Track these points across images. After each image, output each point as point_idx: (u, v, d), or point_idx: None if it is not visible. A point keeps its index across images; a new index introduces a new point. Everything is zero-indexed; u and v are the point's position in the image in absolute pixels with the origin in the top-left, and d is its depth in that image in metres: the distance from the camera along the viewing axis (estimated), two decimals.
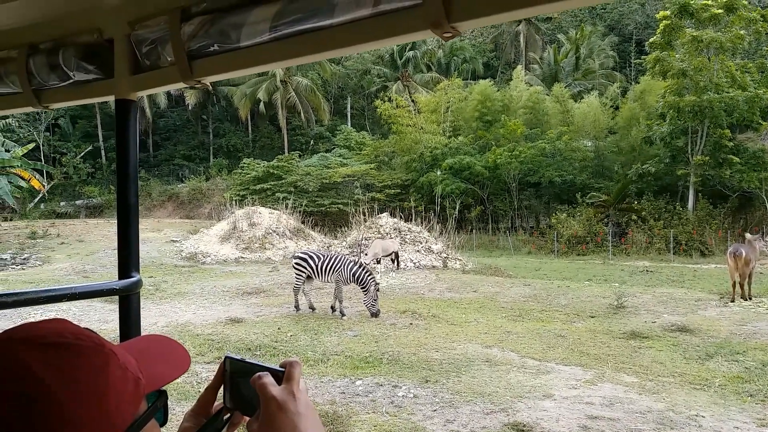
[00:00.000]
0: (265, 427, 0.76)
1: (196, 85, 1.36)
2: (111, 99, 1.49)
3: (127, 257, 1.52)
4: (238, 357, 0.84)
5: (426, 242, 21.09)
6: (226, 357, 0.85)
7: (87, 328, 0.71)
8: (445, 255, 20.40)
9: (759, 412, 5.90)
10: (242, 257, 21.58)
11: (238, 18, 1.16)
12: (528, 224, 33.10)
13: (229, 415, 0.85)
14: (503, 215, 33.16)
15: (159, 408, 0.73)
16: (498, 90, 35.25)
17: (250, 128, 50.84)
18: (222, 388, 0.85)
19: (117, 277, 1.51)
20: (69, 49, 1.44)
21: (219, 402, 0.87)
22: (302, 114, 45.53)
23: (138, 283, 1.50)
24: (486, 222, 32.84)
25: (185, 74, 1.30)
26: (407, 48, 48.28)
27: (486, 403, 6.21)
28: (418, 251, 20.41)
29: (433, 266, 19.39)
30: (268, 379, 0.79)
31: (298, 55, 1.15)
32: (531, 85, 37.86)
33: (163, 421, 0.76)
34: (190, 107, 47.25)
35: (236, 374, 0.83)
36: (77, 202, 41.37)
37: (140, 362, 0.72)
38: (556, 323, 10.72)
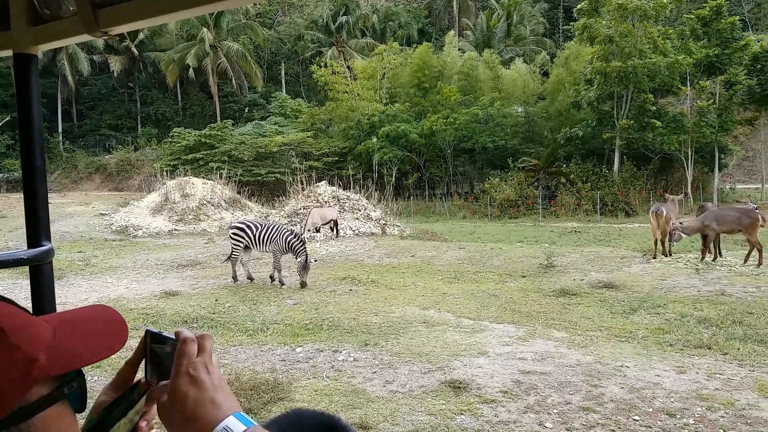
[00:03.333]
0: (173, 399, 0.73)
1: (103, 37, 1.27)
2: (8, 54, 1.37)
3: (36, 224, 1.39)
4: (158, 330, 0.81)
5: (365, 209, 21.15)
6: (147, 330, 0.82)
7: None
8: (384, 222, 20.54)
9: (678, 360, 6.31)
10: (176, 229, 20.98)
11: None
12: (463, 189, 33.72)
13: (147, 388, 0.81)
14: (439, 181, 33.61)
15: (65, 394, 0.65)
16: (434, 56, 35.25)
17: (179, 96, 48.90)
18: (144, 363, 0.82)
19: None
20: None
21: (140, 377, 0.83)
22: (234, 80, 44.16)
23: (49, 252, 1.38)
24: (423, 188, 33.21)
25: (90, 25, 1.21)
26: (341, 13, 47.40)
27: (424, 362, 6.36)
28: (357, 219, 20.45)
29: (372, 233, 19.51)
30: (193, 347, 0.76)
31: (211, 1, 1.08)
32: (464, 51, 38.06)
33: (80, 407, 0.69)
34: (115, 74, 44.89)
35: (156, 348, 0.80)
36: None
37: (62, 337, 0.65)
38: (490, 284, 11.07)
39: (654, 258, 13.17)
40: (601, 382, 5.68)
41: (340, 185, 23.27)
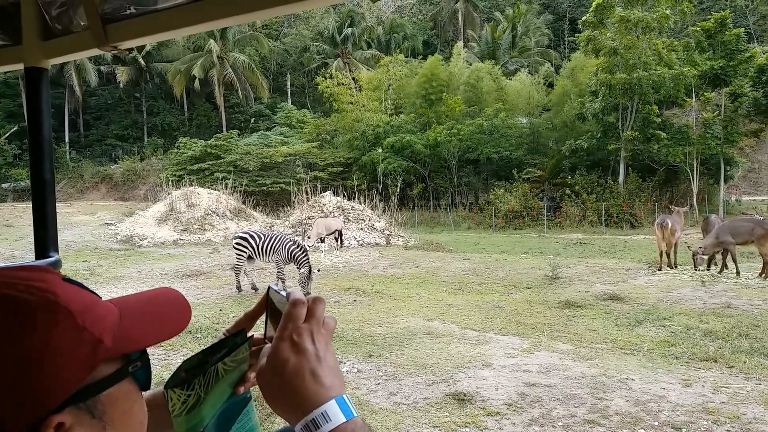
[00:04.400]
0: (272, 364, 0.68)
1: (113, 51, 1.29)
2: (20, 67, 1.39)
3: (44, 236, 1.42)
4: (279, 289, 0.78)
5: (369, 220, 21.16)
6: (269, 287, 0.81)
7: (67, 279, 0.65)
8: (388, 232, 20.54)
9: (684, 373, 6.27)
10: (181, 239, 21.03)
11: None
12: (467, 200, 33.70)
13: (251, 335, 0.81)
14: (444, 192, 33.61)
15: (130, 372, 0.67)
16: (442, 67, 35.41)
17: (185, 106, 49.25)
18: (265, 319, 0.81)
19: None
20: None
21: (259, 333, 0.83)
22: (240, 91, 44.43)
23: (57, 264, 1.41)
24: (427, 199, 33.22)
25: (99, 39, 1.23)
26: (346, 24, 47.72)
27: (428, 374, 6.34)
28: (361, 229, 20.46)
29: (377, 243, 19.50)
30: (301, 311, 0.71)
31: (220, 17, 1.10)
32: (470, 63, 38.23)
33: (146, 384, 0.70)
34: (122, 85, 45.25)
35: (278, 305, 0.77)
36: (4, 186, 39.15)
37: (127, 319, 0.66)
38: (495, 295, 11.03)
39: (659, 270, 13.11)
40: (607, 394, 5.64)
41: (344, 196, 23.32)
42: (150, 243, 20.45)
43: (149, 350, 0.70)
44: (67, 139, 44.45)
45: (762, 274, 11.91)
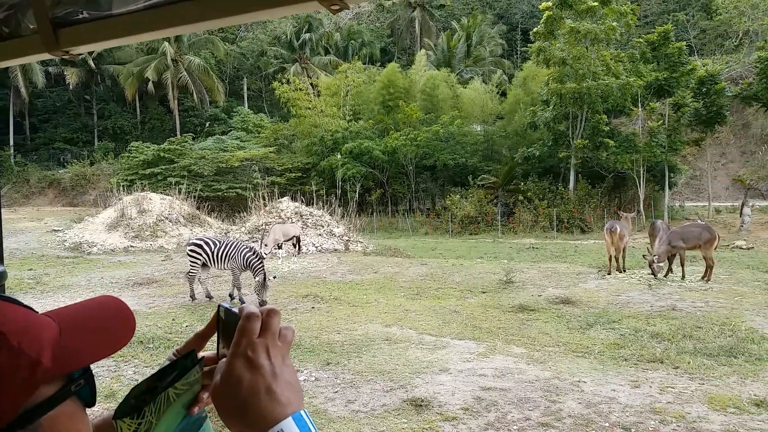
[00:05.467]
0: (226, 382, 0.65)
1: (64, 56, 1.26)
2: None
3: None
4: (230, 307, 0.75)
5: (328, 225, 21.07)
6: (219, 305, 0.77)
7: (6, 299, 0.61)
8: (347, 238, 20.51)
9: (632, 375, 6.48)
10: (132, 246, 20.47)
11: None
12: (425, 206, 34.00)
13: (203, 356, 0.78)
14: (402, 197, 33.82)
15: (73, 392, 0.62)
16: (400, 75, 35.67)
17: (138, 109, 48.02)
18: (217, 338, 0.78)
19: None
20: None
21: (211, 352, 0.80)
22: (195, 94, 43.63)
23: (2, 275, 1.34)
24: (386, 204, 33.35)
25: (50, 44, 1.19)
26: (304, 30, 47.56)
27: (386, 380, 6.35)
28: (320, 235, 20.35)
29: (335, 249, 19.44)
30: (255, 324, 0.67)
31: (176, 24, 1.08)
32: (426, 71, 38.65)
33: (90, 402, 0.66)
34: (71, 87, 43.73)
35: (228, 325, 0.74)
36: None
37: (68, 334, 0.62)
38: (451, 300, 11.16)
39: (609, 274, 13.51)
40: (560, 397, 5.78)
41: (303, 201, 23.14)
42: (100, 250, 19.83)
43: (96, 363, 0.68)
44: (11, 143, 42.68)
45: (704, 277, 12.43)
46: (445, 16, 55.33)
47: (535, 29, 27.91)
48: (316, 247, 19.45)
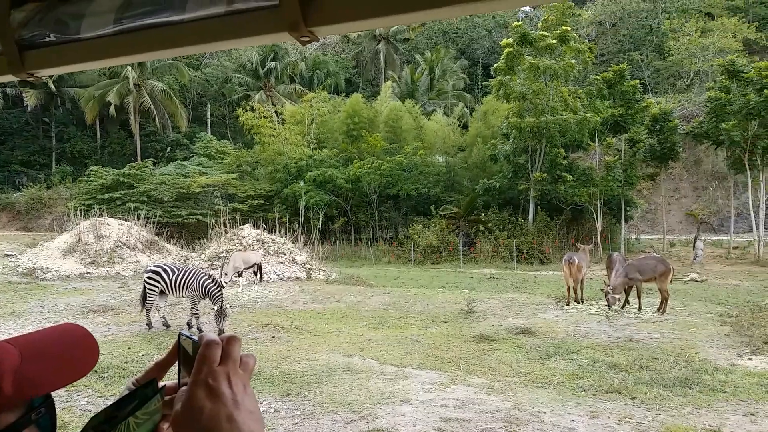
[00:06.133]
0: (187, 411, 0.64)
1: (29, 78, 1.24)
2: None
3: None
4: (191, 335, 0.74)
5: (290, 253, 20.87)
6: (180, 333, 0.76)
7: None
8: (309, 266, 20.33)
9: (591, 405, 6.56)
10: (88, 272, 19.87)
11: (77, 7, 1.07)
12: (388, 235, 34.07)
13: (163, 385, 0.76)
14: (365, 226, 33.84)
15: (33, 420, 0.61)
16: (365, 105, 36.04)
17: (98, 133, 47.12)
18: (178, 366, 0.76)
19: None
20: None
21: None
22: (157, 119, 43.11)
23: None
24: (349, 233, 33.29)
25: (15, 66, 1.17)
26: (270, 58, 47.79)
27: (347, 412, 6.26)
28: (282, 263, 20.13)
29: (297, 277, 19.24)
30: (216, 352, 0.66)
31: (145, 51, 1.08)
32: (391, 101, 39.18)
33: (50, 431, 0.64)
34: (29, 108, 42.66)
35: (189, 353, 0.73)
36: None
37: (29, 361, 0.60)
38: (413, 329, 11.14)
39: (567, 305, 13.74)
40: (520, 428, 5.80)
41: (265, 228, 22.89)
42: (54, 276, 19.20)
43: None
44: None
45: (660, 309, 12.75)
46: (409, 50, 56.44)
47: (496, 65, 28.68)
48: (278, 275, 19.22)
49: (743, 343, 9.64)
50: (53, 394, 0.66)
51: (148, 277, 11.18)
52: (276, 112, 38.58)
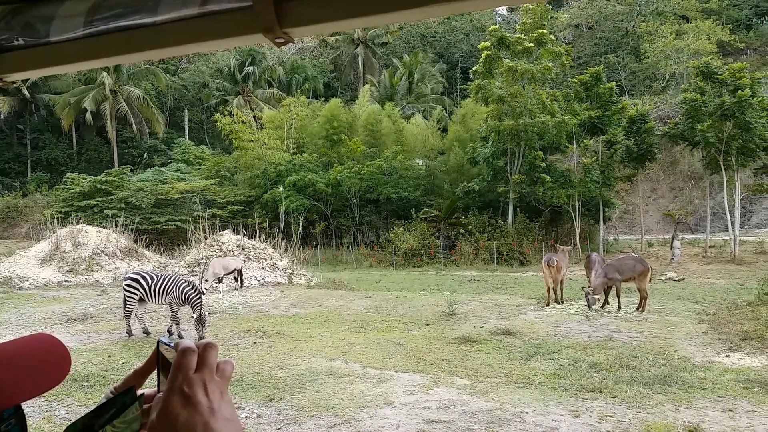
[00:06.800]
0: (162, 419, 0.62)
1: (0, 85, 1.22)
2: None
3: None
4: (170, 342, 0.73)
5: (271, 259, 20.75)
6: (159, 341, 0.74)
7: None
8: (290, 271, 20.23)
9: (573, 404, 6.61)
10: (66, 280, 19.59)
11: (46, 10, 1.05)
12: (369, 239, 34.06)
13: (142, 393, 0.74)
14: (346, 230, 33.78)
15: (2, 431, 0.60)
16: (343, 109, 36.00)
17: (74, 140, 46.47)
18: (157, 374, 0.75)
19: None
20: None
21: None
22: (134, 125, 42.57)
23: None
24: (330, 237, 33.19)
25: None
26: (247, 63, 47.55)
27: (330, 416, 6.24)
28: (262, 268, 20.00)
29: (279, 283, 19.14)
30: (191, 359, 0.65)
31: (117, 54, 1.07)
32: (369, 105, 39.20)
33: None
34: (2, 116, 41.92)
35: (168, 361, 0.72)
36: None
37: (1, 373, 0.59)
38: (396, 332, 11.14)
39: (547, 305, 13.85)
40: (502, 428, 5.82)
41: (245, 234, 22.73)
42: (32, 285, 18.90)
43: (27, 402, 0.65)
44: None
45: (639, 308, 12.92)
46: (387, 54, 56.54)
47: (474, 68, 28.83)
48: (259, 281, 19.09)
49: (720, 341, 9.80)
50: (24, 405, 0.65)
51: (127, 285, 11.04)
52: (254, 116, 38.40)
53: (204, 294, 14.58)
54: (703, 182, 31.75)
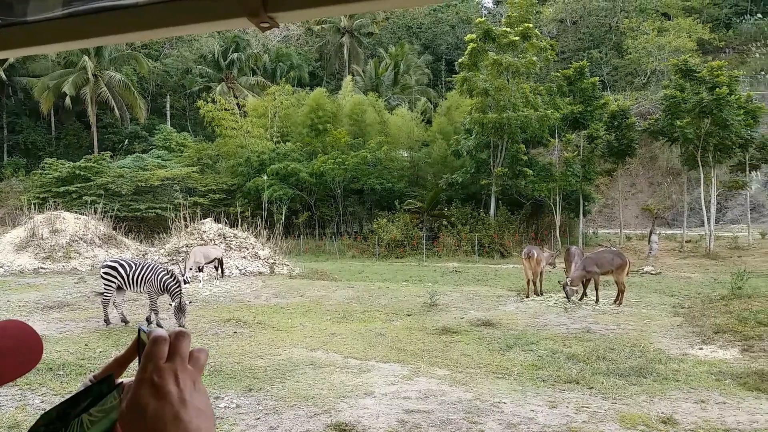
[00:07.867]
0: (130, 410, 0.61)
1: None
2: None
3: None
4: (150, 330, 0.70)
5: (253, 248, 20.65)
6: (139, 328, 0.73)
7: None
8: (273, 261, 20.15)
9: (550, 395, 6.70)
10: (42, 267, 19.29)
11: None
12: (352, 229, 34.04)
13: (120, 381, 0.73)
14: (329, 220, 33.71)
15: None
16: (328, 99, 35.80)
17: (53, 124, 45.61)
18: (138, 362, 0.72)
19: None
20: None
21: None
22: (116, 111, 41.89)
23: None
24: (313, 227, 33.09)
25: None
26: (231, 50, 47.00)
27: (310, 406, 6.25)
28: (244, 257, 19.90)
29: (260, 272, 19.06)
30: (162, 349, 0.63)
31: (97, 35, 1.04)
32: (353, 95, 39.02)
33: None
34: None
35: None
36: None
37: None
38: (377, 323, 11.18)
39: (527, 297, 14.00)
40: (481, 418, 5.89)
41: (227, 223, 22.57)
42: (7, 272, 18.61)
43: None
44: None
45: (616, 301, 13.11)
46: (373, 44, 56.30)
47: (459, 60, 28.86)
48: (240, 270, 19.00)
49: (694, 333, 10.00)
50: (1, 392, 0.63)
51: (105, 273, 10.91)
52: (238, 104, 38.02)
53: (188, 283, 14.52)
54: (681, 178, 32.19)
